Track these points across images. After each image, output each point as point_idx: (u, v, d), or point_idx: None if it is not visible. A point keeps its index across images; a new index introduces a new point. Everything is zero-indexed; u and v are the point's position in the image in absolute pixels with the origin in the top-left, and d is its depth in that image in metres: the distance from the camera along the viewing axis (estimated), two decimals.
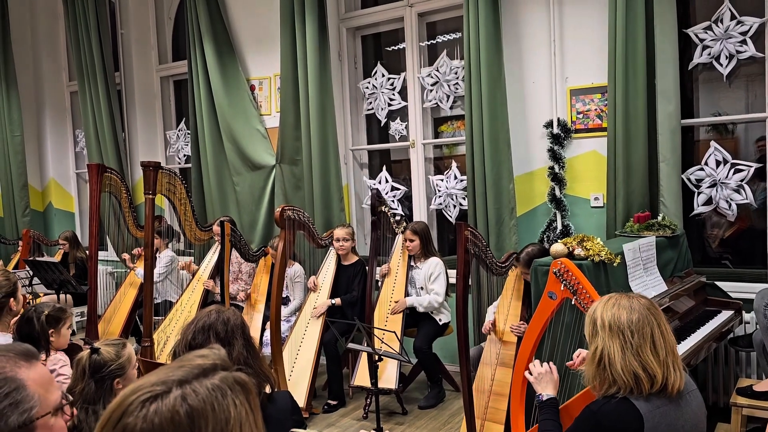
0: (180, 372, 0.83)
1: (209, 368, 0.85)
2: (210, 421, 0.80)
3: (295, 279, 4.64)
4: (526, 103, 4.30)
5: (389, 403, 4.18)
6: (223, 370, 0.86)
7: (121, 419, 0.79)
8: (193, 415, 0.79)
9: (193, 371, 0.84)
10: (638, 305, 1.81)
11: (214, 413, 0.80)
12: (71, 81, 7.20)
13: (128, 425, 0.78)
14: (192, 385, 0.82)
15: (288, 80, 5.05)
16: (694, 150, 4.05)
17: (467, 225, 3.20)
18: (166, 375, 0.83)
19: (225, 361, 0.88)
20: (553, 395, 2.16)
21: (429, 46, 4.94)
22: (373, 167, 5.36)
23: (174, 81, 6.45)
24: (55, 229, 7.35)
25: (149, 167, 4.04)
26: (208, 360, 0.87)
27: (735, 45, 3.65)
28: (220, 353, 0.90)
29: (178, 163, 6.36)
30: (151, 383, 0.82)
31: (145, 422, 0.78)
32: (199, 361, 0.86)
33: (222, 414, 0.81)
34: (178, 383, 0.81)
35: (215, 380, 0.84)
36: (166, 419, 0.78)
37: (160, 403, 0.79)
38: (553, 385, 2.18)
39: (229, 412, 0.82)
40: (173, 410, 0.79)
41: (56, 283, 4.85)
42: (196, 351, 0.92)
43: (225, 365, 0.87)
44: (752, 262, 3.87)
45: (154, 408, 0.79)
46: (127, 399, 0.81)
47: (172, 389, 0.81)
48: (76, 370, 2.08)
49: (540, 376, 2.20)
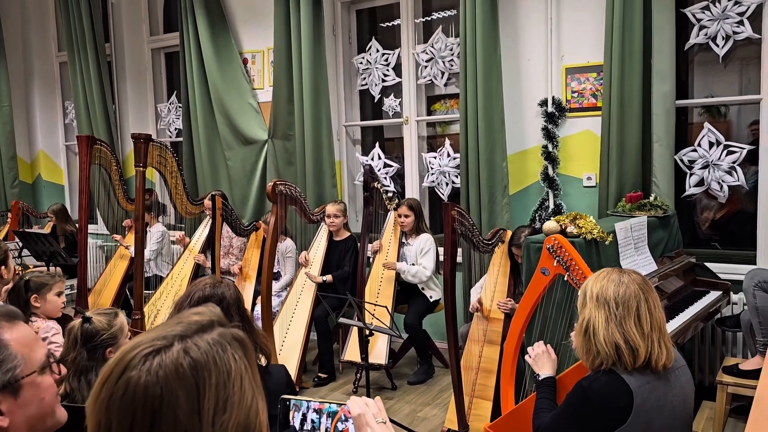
0: (179, 327, 0.83)
1: (207, 324, 0.85)
2: (213, 373, 0.80)
3: (286, 254, 4.63)
4: (521, 81, 4.28)
5: (379, 379, 4.21)
6: (221, 327, 0.86)
7: (124, 373, 0.78)
8: (196, 367, 0.79)
9: (192, 326, 0.84)
10: (628, 280, 1.83)
11: (216, 366, 0.81)
12: (60, 52, 7.08)
13: (131, 379, 0.78)
14: (193, 339, 0.82)
15: (281, 54, 4.99)
16: (688, 131, 4.05)
17: (454, 205, 3.20)
18: (165, 331, 0.83)
19: (221, 317, 0.88)
20: (551, 374, 2.20)
21: (424, 23, 4.89)
22: (366, 144, 5.34)
23: (165, 53, 6.36)
24: (44, 201, 7.29)
25: (140, 139, 4.01)
26: (204, 317, 0.87)
27: (732, 26, 3.64)
28: (215, 311, 0.90)
29: (169, 136, 6.30)
30: (151, 338, 0.82)
31: (149, 375, 0.77)
32: (196, 318, 0.86)
33: (224, 366, 0.81)
34: (179, 338, 0.81)
35: (214, 335, 0.84)
36: (170, 371, 0.78)
37: (163, 356, 0.79)
38: (550, 365, 2.22)
39: (230, 365, 0.82)
40: (177, 363, 0.79)
41: (46, 254, 4.83)
42: (192, 309, 0.91)
43: (222, 322, 0.87)
44: (741, 244, 3.91)
45: (158, 361, 0.78)
46: (128, 354, 0.80)
47: (174, 343, 0.81)
48: (68, 339, 2.07)
49: (537, 357, 2.24)
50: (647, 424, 1.75)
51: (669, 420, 1.79)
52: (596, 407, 1.78)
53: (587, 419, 1.80)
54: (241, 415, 0.81)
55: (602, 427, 1.78)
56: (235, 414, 0.80)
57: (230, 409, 0.80)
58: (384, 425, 1.06)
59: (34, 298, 2.73)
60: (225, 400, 0.80)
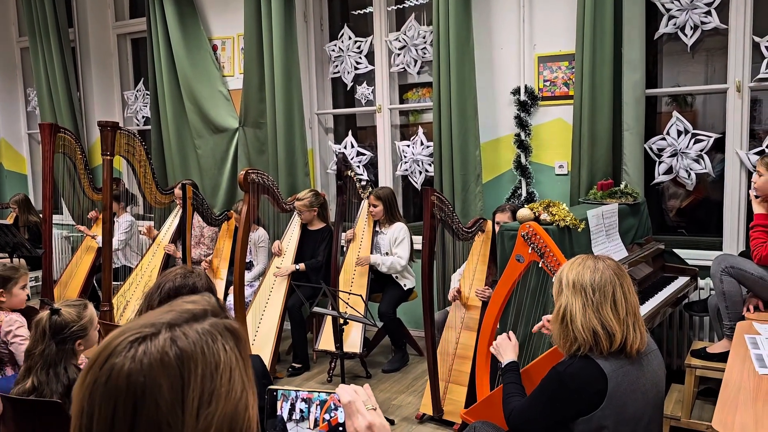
0: (169, 315, 0.81)
1: (199, 313, 0.83)
2: (200, 364, 0.78)
3: (259, 244, 4.58)
4: (494, 70, 4.28)
5: (353, 367, 4.21)
6: (214, 317, 0.84)
7: (108, 359, 0.76)
8: (182, 357, 0.77)
9: (183, 315, 0.82)
10: (604, 266, 1.85)
11: (203, 356, 0.79)
12: (21, 37, 6.86)
13: (116, 365, 0.76)
14: (182, 328, 0.80)
15: (252, 41, 4.91)
16: (657, 120, 4.11)
17: (434, 190, 3.21)
18: (155, 318, 0.81)
19: (215, 307, 0.86)
20: (513, 359, 2.24)
21: (397, 10, 4.86)
22: (339, 132, 5.30)
23: (132, 39, 6.21)
24: (6, 191, 7.08)
25: (107, 127, 3.91)
26: (198, 306, 0.85)
27: (700, 16, 3.70)
28: (210, 300, 0.88)
29: (136, 124, 6.16)
30: (139, 325, 0.80)
31: (133, 362, 0.75)
32: (189, 306, 0.84)
33: (212, 358, 0.79)
34: (167, 326, 0.79)
35: (205, 325, 0.82)
36: (155, 360, 0.76)
37: (149, 344, 0.77)
38: (512, 351, 2.27)
39: (219, 356, 0.80)
40: (162, 351, 0.77)
41: (9, 246, 4.69)
42: (186, 297, 0.89)
43: (216, 312, 0.85)
44: (708, 231, 3.99)
45: (143, 349, 0.76)
46: (114, 340, 0.78)
47: (161, 331, 0.79)
48: (35, 332, 2.02)
49: (499, 346, 2.29)
50: (621, 408, 1.78)
51: (641, 403, 1.82)
52: (571, 392, 1.80)
53: (562, 404, 1.83)
54: (228, 409, 0.79)
55: (577, 411, 1.80)
56: (221, 407, 0.78)
57: (216, 401, 0.78)
58: (374, 411, 1.06)
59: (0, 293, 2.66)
60: (211, 392, 0.78)
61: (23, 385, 2.00)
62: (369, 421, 1.04)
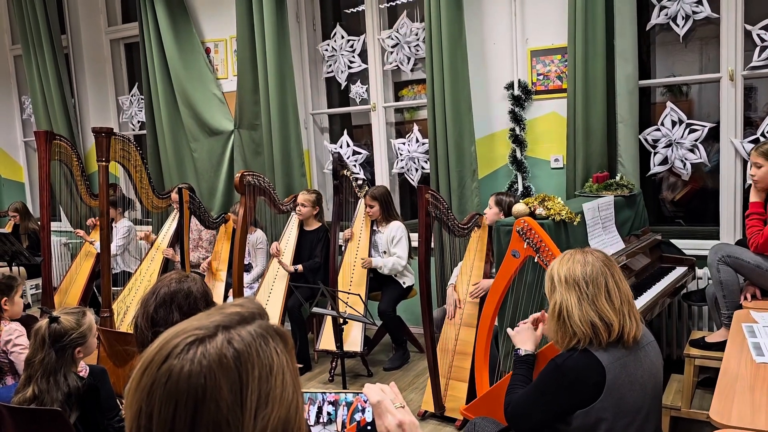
0: (219, 317, 0.82)
1: (248, 316, 0.83)
2: (256, 366, 0.78)
3: (257, 245, 4.59)
4: (487, 65, 4.28)
5: (354, 366, 4.22)
6: (261, 319, 0.85)
7: (166, 361, 0.77)
8: (240, 358, 0.78)
9: (233, 317, 0.82)
10: (592, 258, 1.85)
11: (259, 358, 0.79)
12: (14, 44, 6.86)
13: (174, 367, 0.76)
14: (236, 329, 0.80)
15: (244, 43, 4.91)
16: (651, 111, 4.12)
17: (428, 188, 3.21)
18: (207, 320, 0.81)
19: (262, 310, 0.87)
20: (531, 351, 2.18)
21: (389, 8, 4.86)
22: (334, 132, 5.30)
23: (125, 44, 6.21)
24: (4, 200, 7.08)
25: (101, 133, 3.91)
26: (245, 308, 0.85)
27: (691, 5, 3.70)
28: (257, 303, 0.88)
29: (132, 129, 6.16)
30: (193, 327, 0.80)
31: (192, 364, 0.76)
32: (237, 309, 0.84)
33: (266, 360, 0.80)
34: (222, 328, 0.80)
35: (256, 327, 0.82)
36: (214, 361, 0.76)
37: (207, 345, 0.77)
38: (532, 341, 2.19)
39: (272, 359, 0.80)
40: (220, 353, 0.77)
41: (8, 254, 4.70)
42: (233, 300, 0.90)
43: (263, 314, 0.86)
44: (704, 220, 4.00)
45: (201, 351, 0.77)
46: (170, 342, 0.78)
47: (217, 333, 0.79)
48: (35, 340, 2.02)
49: (520, 331, 2.21)
50: (619, 400, 1.79)
51: (640, 395, 1.83)
52: (569, 384, 1.81)
53: (560, 396, 1.83)
54: (282, 411, 0.80)
55: (575, 403, 1.80)
56: (276, 409, 0.79)
57: (272, 403, 0.78)
58: (403, 409, 1.06)
59: (3, 301, 2.67)
60: (267, 393, 0.78)
61: (24, 393, 2.01)
62: (399, 419, 1.05)
